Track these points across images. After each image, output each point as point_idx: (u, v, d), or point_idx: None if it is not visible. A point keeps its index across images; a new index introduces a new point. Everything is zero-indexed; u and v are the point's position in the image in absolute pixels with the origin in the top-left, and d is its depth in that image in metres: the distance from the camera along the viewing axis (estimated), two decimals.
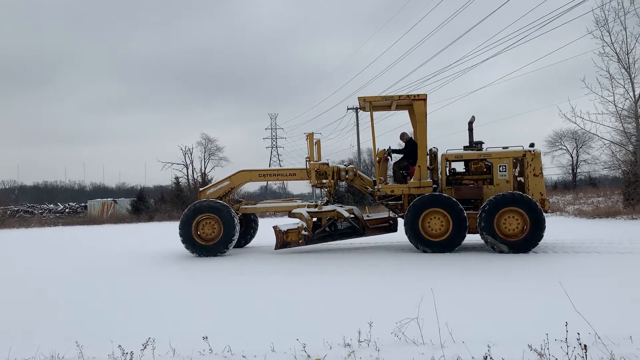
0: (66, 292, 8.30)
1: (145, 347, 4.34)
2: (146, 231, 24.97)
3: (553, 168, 48.15)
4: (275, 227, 12.30)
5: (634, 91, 21.35)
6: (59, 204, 53.80)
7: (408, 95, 12.16)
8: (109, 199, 48.46)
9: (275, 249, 12.22)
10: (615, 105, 21.84)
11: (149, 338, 4.45)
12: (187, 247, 12.41)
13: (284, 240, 12.15)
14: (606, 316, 5.22)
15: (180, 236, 12.40)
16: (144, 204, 40.06)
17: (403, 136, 12.85)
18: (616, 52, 21.23)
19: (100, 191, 75.13)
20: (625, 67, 21.19)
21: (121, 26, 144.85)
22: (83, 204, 51.28)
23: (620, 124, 22.58)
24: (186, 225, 12.37)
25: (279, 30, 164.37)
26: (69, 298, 7.77)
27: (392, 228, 13.07)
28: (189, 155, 44.67)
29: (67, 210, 50.27)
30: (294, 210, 12.60)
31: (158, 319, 6.09)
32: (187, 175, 44.52)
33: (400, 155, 12.83)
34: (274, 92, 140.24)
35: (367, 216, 13.24)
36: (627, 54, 21.12)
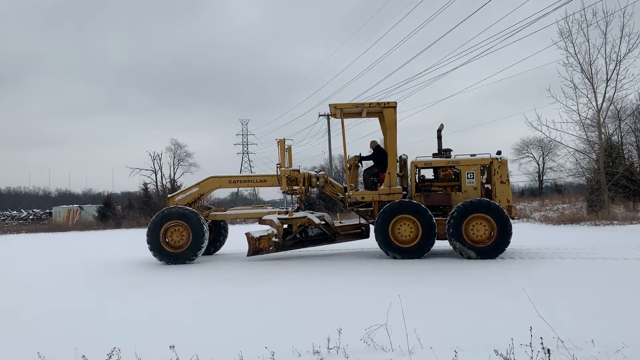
0: (28, 301, 8.06)
1: (110, 357, 4.24)
2: (113, 238, 24.49)
3: (520, 175, 49.32)
4: (247, 234, 12.20)
5: (596, 101, 22.04)
6: (22, 210, 52.37)
7: (378, 103, 12.27)
8: (74, 206, 47.39)
9: (247, 255, 12.11)
10: (579, 114, 22.55)
11: (114, 348, 4.35)
12: (154, 255, 12.20)
13: (257, 247, 12.06)
14: (569, 320, 5.34)
15: (148, 243, 12.18)
16: (111, 211, 39.33)
17: (372, 144, 12.92)
18: (579, 63, 21.93)
19: (66, 197, 73.42)
20: (589, 77, 21.87)
21: (91, 30, 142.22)
22: (48, 211, 50.02)
23: (584, 133, 23.29)
24: (154, 233, 12.17)
25: (254, 36, 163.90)
26: (31, 307, 7.54)
27: (364, 234, 13.13)
28: (158, 161, 44.08)
29: (31, 217, 48.93)
30: (265, 217, 12.53)
31: (124, 328, 5.97)
32: (156, 182, 43.87)
33: (370, 162, 12.92)
34: (246, 99, 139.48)
35: (340, 222, 13.26)
36: (590, 64, 21.83)
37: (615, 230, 17.50)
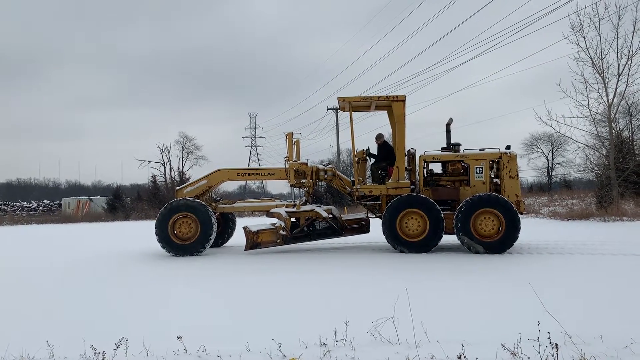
0: (37, 291, 8.13)
1: (118, 347, 4.27)
2: (122, 230, 24.64)
3: (529, 170, 48.98)
4: (245, 228, 12.15)
5: (607, 96, 21.83)
6: (32, 201, 52.86)
7: (387, 96, 12.21)
8: (84, 197, 47.75)
9: (245, 249, 12.07)
10: (590, 110, 22.32)
11: (122, 337, 4.38)
12: (163, 247, 12.26)
13: (254, 241, 12.02)
14: (577, 316, 5.32)
15: (157, 235, 12.24)
16: (120, 203, 39.59)
17: (379, 138, 12.84)
18: (591, 57, 21.69)
19: (76, 189, 73.93)
20: (600, 72, 21.64)
21: (106, 24, 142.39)
22: (57, 202, 50.49)
23: (594, 128, 23.09)
24: (162, 224, 12.22)
25: (270, 30, 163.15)
26: (39, 297, 7.62)
27: (364, 229, 13.12)
28: (167, 153, 44.36)
29: (41, 208, 49.40)
30: (272, 210, 12.53)
31: (132, 318, 6.01)
32: (165, 174, 44.24)
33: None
34: (257, 92, 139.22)
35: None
36: (601, 59, 21.58)
37: (624, 226, 17.37)
